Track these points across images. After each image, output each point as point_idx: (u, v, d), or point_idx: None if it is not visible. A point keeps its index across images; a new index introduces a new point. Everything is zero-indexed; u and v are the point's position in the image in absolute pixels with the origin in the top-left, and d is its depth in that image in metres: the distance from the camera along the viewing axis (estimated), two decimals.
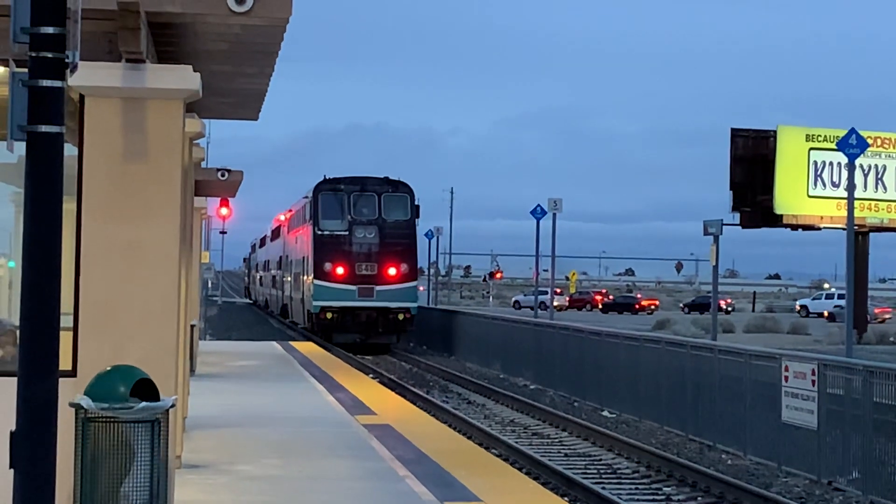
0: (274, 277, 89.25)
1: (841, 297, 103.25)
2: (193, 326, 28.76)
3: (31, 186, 7.91)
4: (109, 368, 9.80)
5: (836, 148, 45.30)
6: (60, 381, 8.07)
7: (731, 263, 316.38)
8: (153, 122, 11.52)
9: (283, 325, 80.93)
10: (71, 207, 11.17)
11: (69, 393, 9.37)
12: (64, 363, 8.39)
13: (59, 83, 7.86)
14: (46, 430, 7.91)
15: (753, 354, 27.91)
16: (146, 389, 9.64)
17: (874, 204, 65.11)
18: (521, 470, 22.63)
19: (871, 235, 67.56)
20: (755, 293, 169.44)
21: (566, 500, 19.77)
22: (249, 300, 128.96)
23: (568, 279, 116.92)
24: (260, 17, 11.15)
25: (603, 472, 25.49)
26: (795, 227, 65.82)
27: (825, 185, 64.66)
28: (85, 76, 10.60)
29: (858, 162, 47.94)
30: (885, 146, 65.11)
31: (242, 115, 19.98)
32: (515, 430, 32.11)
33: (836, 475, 23.24)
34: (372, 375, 43.36)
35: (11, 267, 15.69)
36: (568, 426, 32.05)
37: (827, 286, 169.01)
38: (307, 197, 63.74)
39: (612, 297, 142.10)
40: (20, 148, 8.05)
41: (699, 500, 22.69)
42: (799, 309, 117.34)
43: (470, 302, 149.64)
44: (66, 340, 8.63)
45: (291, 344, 51.60)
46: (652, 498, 22.91)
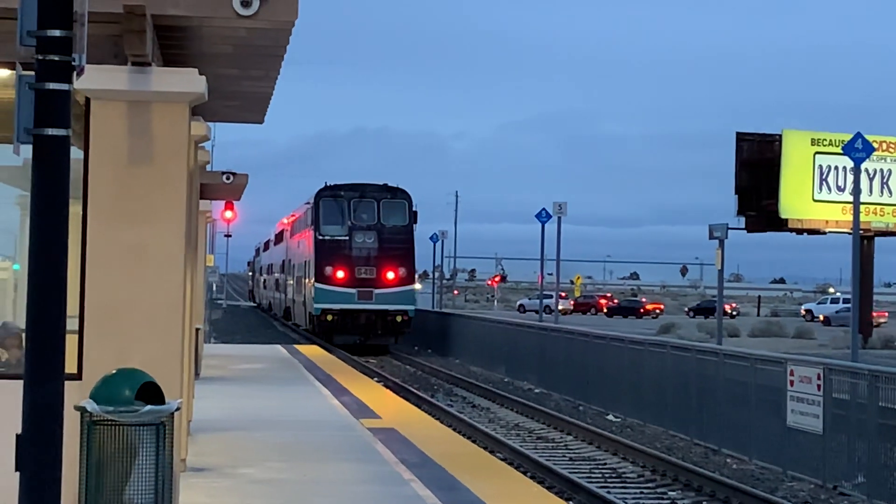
0: (277, 281, 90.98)
1: (846, 301, 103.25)
2: (198, 330, 28.77)
3: (37, 189, 7.90)
4: (114, 372, 9.79)
5: (841, 152, 45.31)
6: (66, 384, 8.07)
7: (736, 268, 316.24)
8: (159, 125, 11.51)
9: (287, 328, 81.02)
10: (76, 210, 11.17)
11: (74, 396, 9.36)
12: (69, 366, 8.37)
13: (65, 86, 7.86)
14: (52, 433, 7.90)
15: (759, 359, 27.89)
16: (151, 393, 9.63)
17: (879, 208, 65.05)
18: (525, 474, 22.61)
19: (876, 240, 67.50)
20: (760, 297, 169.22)
21: None
22: (254, 303, 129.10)
23: (573, 283, 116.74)
24: (266, 20, 11.13)
25: (608, 476, 25.47)
26: (800, 231, 65.75)
27: (830, 189, 64.59)
28: (90, 79, 10.59)
29: (864, 166, 47.83)
30: (890, 150, 65.05)
31: (248, 118, 19.98)
32: (520, 433, 32.09)
33: (841, 480, 23.21)
34: (376, 379, 43.36)
35: (16, 270, 15.70)
36: (573, 430, 32.02)
37: (832, 290, 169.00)
38: (309, 203, 65.63)
39: (616, 301, 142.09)
40: (25, 151, 8.05)
41: None
42: (804, 313, 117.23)
43: (475, 306, 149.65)
44: (71, 343, 8.61)
45: (296, 347, 51.61)
46: (657, 502, 22.90)
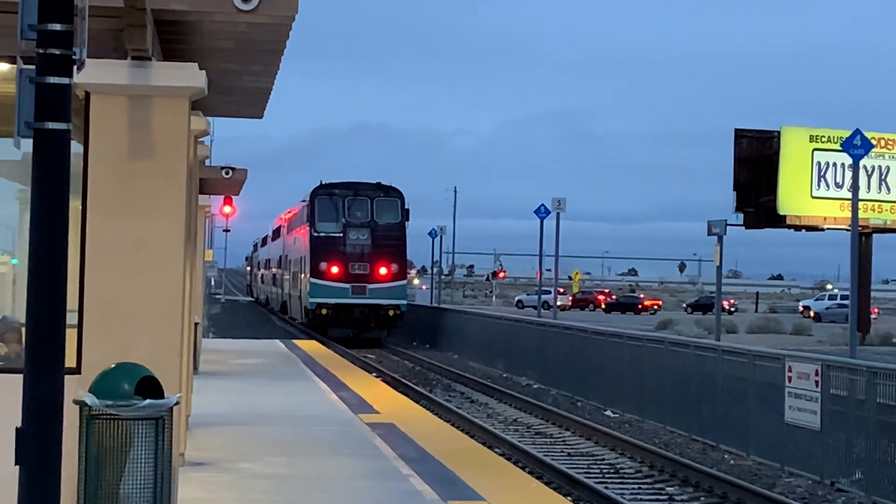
0: (274, 275, 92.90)
1: (844, 297, 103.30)
2: (197, 324, 28.77)
3: (37, 183, 7.90)
4: (114, 366, 9.80)
5: (839, 149, 45.31)
6: (65, 378, 8.07)
7: (734, 264, 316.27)
8: (159, 119, 11.52)
9: (285, 322, 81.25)
10: (76, 205, 11.17)
11: (74, 390, 9.37)
12: (69, 360, 8.38)
13: (66, 80, 7.85)
14: (52, 427, 7.91)
15: (757, 355, 27.91)
16: (150, 387, 9.64)
17: (878, 205, 65.04)
18: (524, 469, 22.63)
19: (874, 236, 67.51)
20: (758, 294, 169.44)
21: (569, 499, 19.77)
22: (252, 298, 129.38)
23: (571, 279, 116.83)
24: (266, 15, 11.14)
25: (606, 471, 25.49)
26: (799, 227, 65.73)
27: (829, 185, 64.58)
28: (91, 73, 10.59)
29: (862, 163, 47.87)
30: (889, 147, 65.03)
31: (247, 113, 19.97)
32: (518, 429, 32.11)
33: (839, 476, 23.23)
34: (375, 374, 43.38)
35: (15, 264, 15.70)
36: (571, 426, 32.05)
37: (830, 287, 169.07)
38: (305, 200, 68.05)
39: (615, 297, 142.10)
40: (25, 145, 8.05)
41: (702, 500, 22.69)
42: (802, 310, 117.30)
43: (473, 301, 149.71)
44: (70, 338, 8.61)
45: (294, 342, 51.62)
46: (655, 498, 22.91)
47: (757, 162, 64.67)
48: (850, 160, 37.27)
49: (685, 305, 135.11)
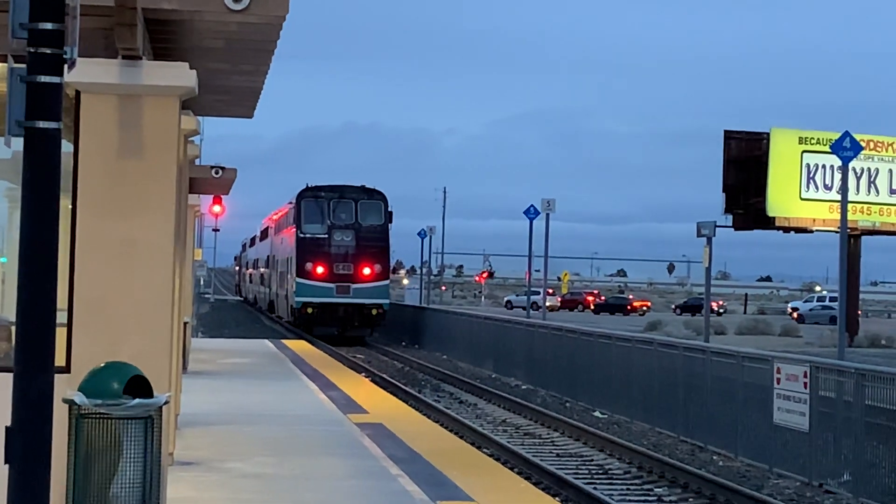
0: (262, 275, 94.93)
1: (832, 299, 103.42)
2: (186, 324, 28.76)
3: (28, 182, 7.90)
4: (103, 365, 9.79)
5: (828, 151, 45.44)
6: (55, 377, 8.06)
7: (723, 265, 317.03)
8: (149, 118, 11.51)
9: (274, 322, 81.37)
10: (66, 204, 11.16)
11: (63, 389, 9.36)
12: (58, 359, 8.36)
13: (57, 79, 7.85)
14: (42, 426, 7.90)
15: (745, 356, 27.94)
16: (140, 386, 9.63)
17: (866, 207, 65.17)
18: (512, 469, 22.64)
19: (862, 238, 67.65)
20: (747, 295, 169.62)
21: (558, 500, 19.79)
22: (241, 298, 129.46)
23: (560, 280, 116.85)
24: (257, 14, 11.14)
25: (594, 472, 25.51)
26: (788, 229, 65.86)
27: (818, 187, 64.71)
28: (81, 72, 10.58)
29: (851, 165, 47.96)
30: (877, 149, 65.18)
31: (237, 112, 19.96)
32: (507, 429, 32.12)
33: (827, 477, 23.27)
34: (364, 374, 43.37)
35: (4, 262, 15.68)
36: (560, 426, 32.06)
37: (818, 289, 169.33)
38: (292, 202, 70.43)
39: (603, 297, 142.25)
40: (16, 144, 8.05)
41: (690, 501, 22.71)
42: (791, 311, 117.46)
43: (462, 302, 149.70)
44: (60, 336, 8.59)
45: (283, 342, 51.61)
46: (643, 498, 22.93)
47: (746, 163, 64.78)
48: (839, 162, 37.34)
49: (674, 307, 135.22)
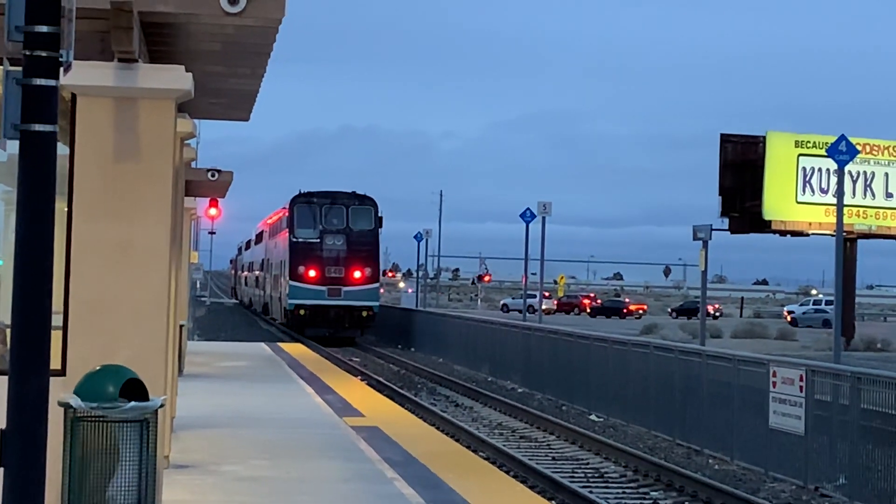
0: (257, 278, 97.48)
1: (829, 303, 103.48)
2: (182, 326, 28.76)
3: (23, 185, 7.90)
4: (99, 368, 9.78)
5: (825, 154, 45.38)
6: (50, 380, 8.07)
7: (719, 269, 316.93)
8: (145, 121, 11.52)
9: (271, 325, 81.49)
10: (62, 207, 11.16)
11: (58, 392, 9.36)
12: (53, 362, 8.38)
13: (53, 82, 7.86)
14: (37, 428, 7.90)
15: (741, 360, 27.94)
16: (135, 389, 9.63)
17: (862, 210, 65.18)
18: (508, 473, 22.65)
19: (859, 242, 67.66)
20: (743, 299, 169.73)
21: (553, 503, 19.82)
22: (237, 300, 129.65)
23: (556, 283, 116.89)
24: (253, 17, 11.14)
25: (590, 475, 25.50)
26: (784, 232, 65.87)
27: (814, 191, 64.71)
28: (77, 75, 10.59)
29: (847, 169, 47.99)
30: (874, 153, 65.19)
31: (234, 115, 19.97)
32: (503, 433, 32.11)
33: (822, 481, 23.28)
34: (360, 377, 43.37)
35: (0, 265, 15.67)
36: (556, 430, 32.06)
37: (814, 292, 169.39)
38: (285, 207, 72.61)
39: (600, 301, 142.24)
40: (11, 146, 8.05)
41: None
42: (787, 315, 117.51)
43: (458, 305, 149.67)
44: (55, 339, 8.61)
45: (280, 345, 51.61)
46: (639, 502, 22.94)
47: (742, 167, 64.78)
48: (835, 166, 37.35)
49: (670, 310, 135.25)
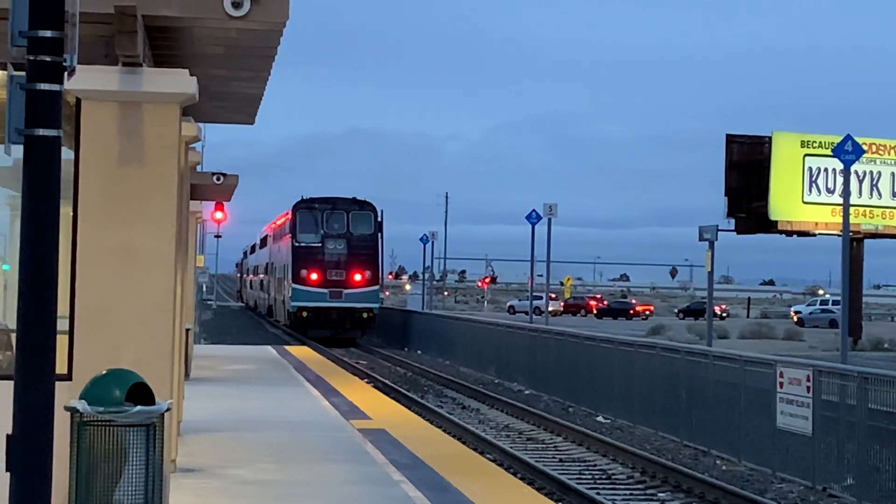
0: (261, 281, 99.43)
1: (836, 303, 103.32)
2: (188, 330, 28.76)
3: (28, 190, 7.89)
4: (105, 372, 9.78)
5: (831, 154, 45.32)
6: (56, 384, 8.06)
7: (725, 269, 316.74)
8: (149, 125, 11.51)
9: (277, 328, 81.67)
10: (67, 211, 11.15)
11: (64, 397, 9.35)
12: (59, 367, 8.36)
13: (56, 87, 7.85)
14: (43, 433, 7.89)
15: (748, 360, 27.91)
16: (141, 393, 9.62)
17: (869, 210, 65.11)
18: (515, 475, 22.62)
19: (865, 242, 67.58)
20: (750, 299, 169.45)
21: None
22: (243, 304, 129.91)
23: (563, 284, 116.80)
24: (257, 21, 11.13)
25: (597, 477, 25.48)
26: (790, 233, 65.80)
27: (820, 191, 64.65)
28: (81, 80, 10.58)
29: (853, 168, 47.93)
30: (880, 152, 65.12)
31: (238, 119, 19.98)
32: (510, 435, 32.09)
33: (830, 481, 23.24)
34: (366, 380, 43.36)
35: (6, 270, 15.69)
36: (562, 431, 32.04)
37: (821, 292, 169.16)
38: (288, 213, 74.67)
39: (606, 302, 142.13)
40: (16, 151, 8.04)
41: None
42: (794, 315, 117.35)
43: (465, 307, 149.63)
44: (61, 344, 8.59)
45: (286, 348, 51.63)
46: (646, 503, 22.91)
47: (748, 167, 64.73)
48: (841, 165, 37.30)
49: (677, 311, 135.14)
